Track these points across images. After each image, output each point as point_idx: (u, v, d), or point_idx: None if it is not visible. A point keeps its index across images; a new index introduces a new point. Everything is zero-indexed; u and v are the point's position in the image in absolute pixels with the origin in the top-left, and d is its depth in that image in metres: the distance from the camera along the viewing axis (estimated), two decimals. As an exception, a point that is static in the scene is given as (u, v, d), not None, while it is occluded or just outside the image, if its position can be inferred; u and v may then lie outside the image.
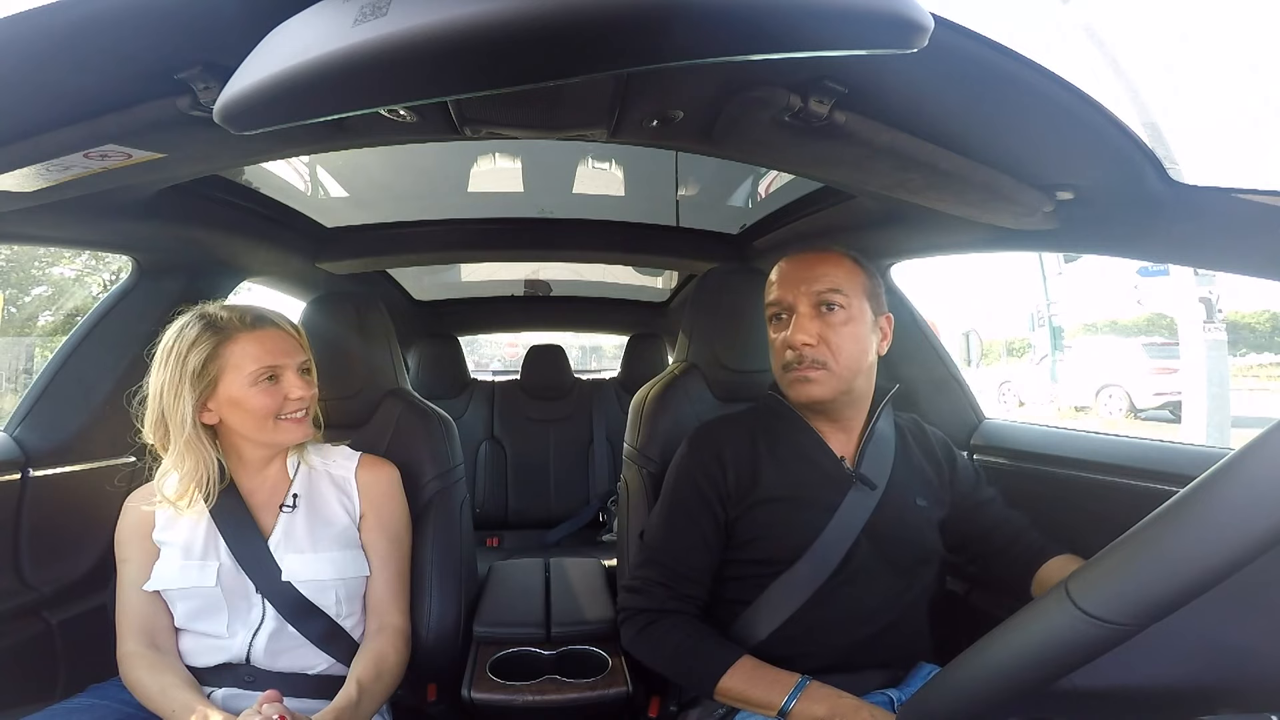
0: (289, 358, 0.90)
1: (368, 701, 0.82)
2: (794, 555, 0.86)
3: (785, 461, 0.90)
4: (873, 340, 0.90)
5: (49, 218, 0.90)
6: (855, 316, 0.87)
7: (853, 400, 0.91)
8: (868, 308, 0.89)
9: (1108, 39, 2.62)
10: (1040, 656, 0.51)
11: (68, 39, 0.52)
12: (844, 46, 0.40)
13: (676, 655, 0.85)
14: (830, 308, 0.86)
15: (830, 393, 0.87)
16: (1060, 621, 0.49)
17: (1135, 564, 0.48)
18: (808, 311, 0.87)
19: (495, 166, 1.42)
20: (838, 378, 0.86)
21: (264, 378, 0.87)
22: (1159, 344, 9.38)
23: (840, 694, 0.76)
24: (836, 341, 0.86)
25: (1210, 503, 0.46)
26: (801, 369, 0.86)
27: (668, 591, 0.88)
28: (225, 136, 0.51)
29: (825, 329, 0.86)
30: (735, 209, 1.64)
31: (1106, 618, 0.47)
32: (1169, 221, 0.79)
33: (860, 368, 0.88)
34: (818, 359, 0.86)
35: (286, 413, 0.89)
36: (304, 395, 0.90)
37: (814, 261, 0.89)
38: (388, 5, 0.38)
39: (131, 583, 0.87)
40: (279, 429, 0.89)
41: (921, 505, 0.91)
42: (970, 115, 0.70)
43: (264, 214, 1.33)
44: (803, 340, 0.85)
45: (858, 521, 0.86)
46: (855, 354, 0.87)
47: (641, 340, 2.55)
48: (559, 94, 0.66)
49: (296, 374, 0.90)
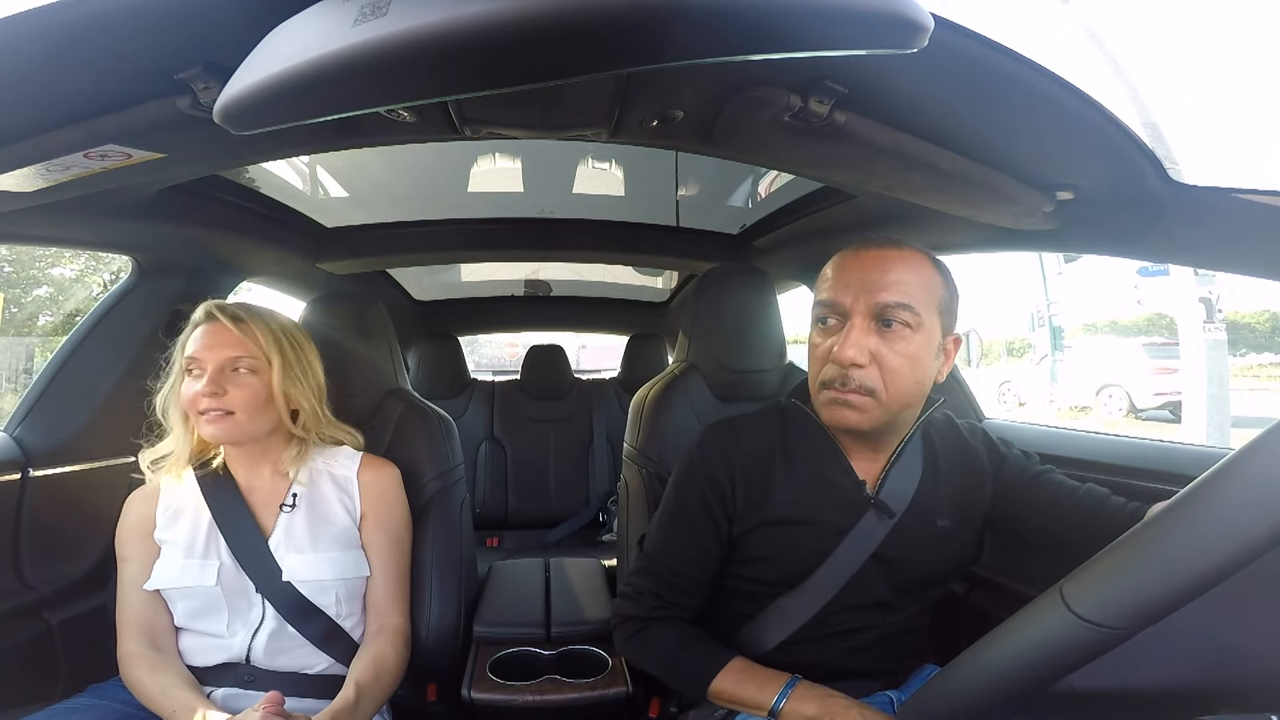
0: (211, 352, 0.87)
1: (366, 702, 0.82)
2: (798, 579, 0.81)
3: (800, 482, 0.82)
4: (934, 366, 0.76)
5: (49, 218, 0.90)
6: (921, 338, 0.72)
7: (893, 428, 0.79)
8: (938, 326, 0.75)
9: (1108, 39, 2.62)
10: (1036, 660, 0.51)
11: (68, 39, 0.52)
12: (844, 46, 0.40)
13: (668, 659, 0.84)
14: (891, 324, 0.72)
15: (872, 424, 0.74)
16: (1055, 625, 0.49)
17: (1130, 567, 0.47)
18: (864, 325, 0.72)
19: (495, 166, 1.42)
20: (884, 409, 0.73)
21: (189, 370, 0.88)
22: (1159, 344, 9.39)
23: (830, 693, 0.76)
24: (893, 365, 0.72)
25: (1206, 506, 0.45)
26: (844, 391, 0.73)
27: (658, 601, 0.86)
28: (225, 136, 0.51)
29: (882, 349, 0.72)
30: (735, 209, 1.64)
31: (1101, 621, 0.47)
32: (1169, 221, 0.79)
33: (912, 399, 0.75)
34: (866, 384, 0.72)
35: (199, 408, 0.86)
36: (204, 391, 0.85)
37: (886, 262, 0.73)
38: (388, 5, 0.38)
39: (132, 582, 0.87)
40: (198, 424, 0.88)
41: (943, 526, 0.82)
42: (970, 115, 0.70)
43: (264, 214, 1.33)
44: (852, 359, 0.71)
45: (869, 546, 0.80)
46: (911, 384, 0.73)
47: (641, 340, 2.55)
48: (559, 94, 0.66)
49: (215, 370, 0.86)
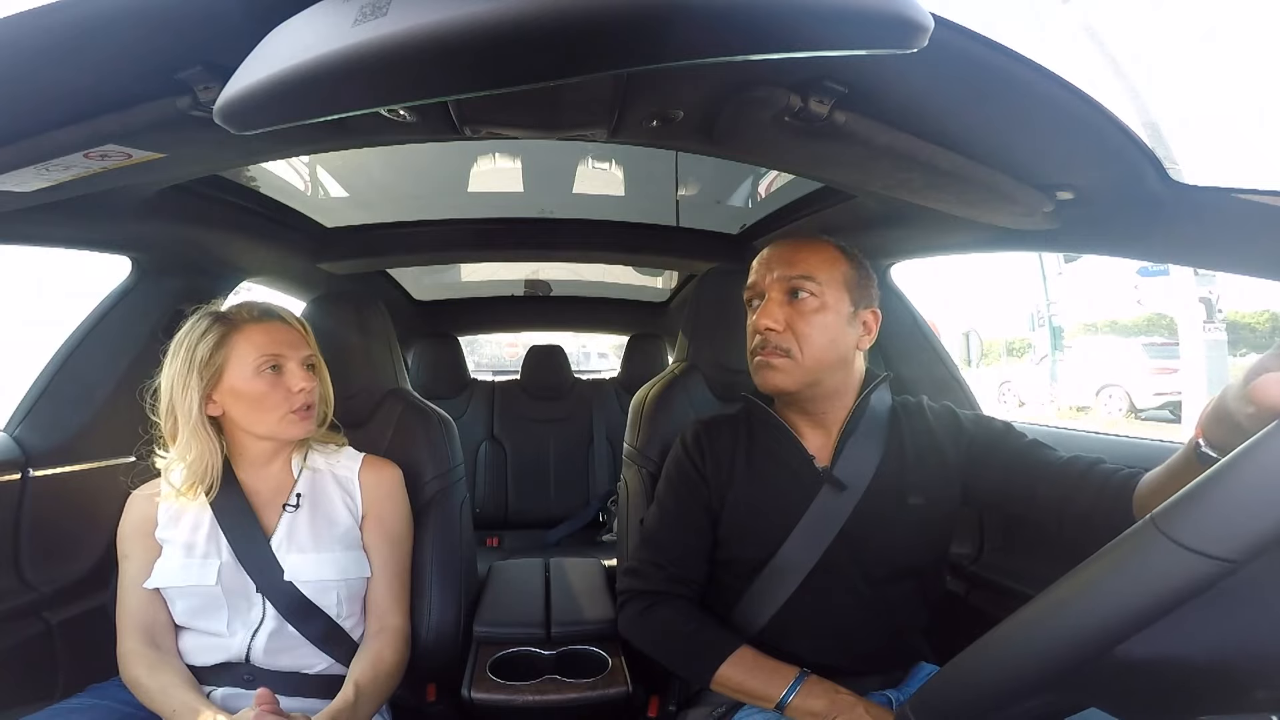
0: (292, 349, 0.91)
1: (365, 703, 0.82)
2: (765, 556, 0.85)
3: (757, 461, 0.90)
4: (849, 333, 0.86)
5: (49, 218, 0.90)
6: (828, 305, 0.84)
7: (825, 394, 0.87)
8: (846, 299, 0.85)
9: (1108, 39, 2.63)
10: (1133, 596, 0.44)
11: (68, 39, 0.52)
12: (844, 46, 0.40)
13: (675, 641, 0.85)
14: (799, 295, 0.84)
15: (793, 383, 0.84)
16: (1151, 555, 0.43)
17: (1237, 488, 0.41)
18: (778, 297, 0.84)
19: (495, 166, 1.42)
20: (802, 368, 0.83)
21: (267, 367, 0.88)
22: (1159, 344, 9.38)
23: (838, 689, 0.76)
24: (803, 330, 0.83)
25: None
26: (765, 354, 0.84)
27: (664, 573, 0.88)
28: (225, 136, 0.51)
29: (793, 316, 0.83)
30: (735, 209, 1.64)
31: (1206, 550, 0.40)
32: (1169, 221, 0.79)
33: (828, 360, 0.85)
34: (781, 345, 0.83)
35: (292, 406, 0.89)
36: (305, 386, 0.90)
37: (793, 248, 0.87)
38: (388, 5, 0.38)
39: (132, 580, 0.87)
40: (283, 423, 0.90)
41: (915, 504, 0.85)
42: (970, 115, 0.70)
43: (264, 214, 1.33)
44: (767, 325, 0.83)
45: (833, 524, 0.84)
46: (823, 344, 0.83)
47: (641, 340, 2.55)
48: (559, 94, 0.66)
49: (300, 366, 0.91)
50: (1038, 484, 0.81)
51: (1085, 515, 0.75)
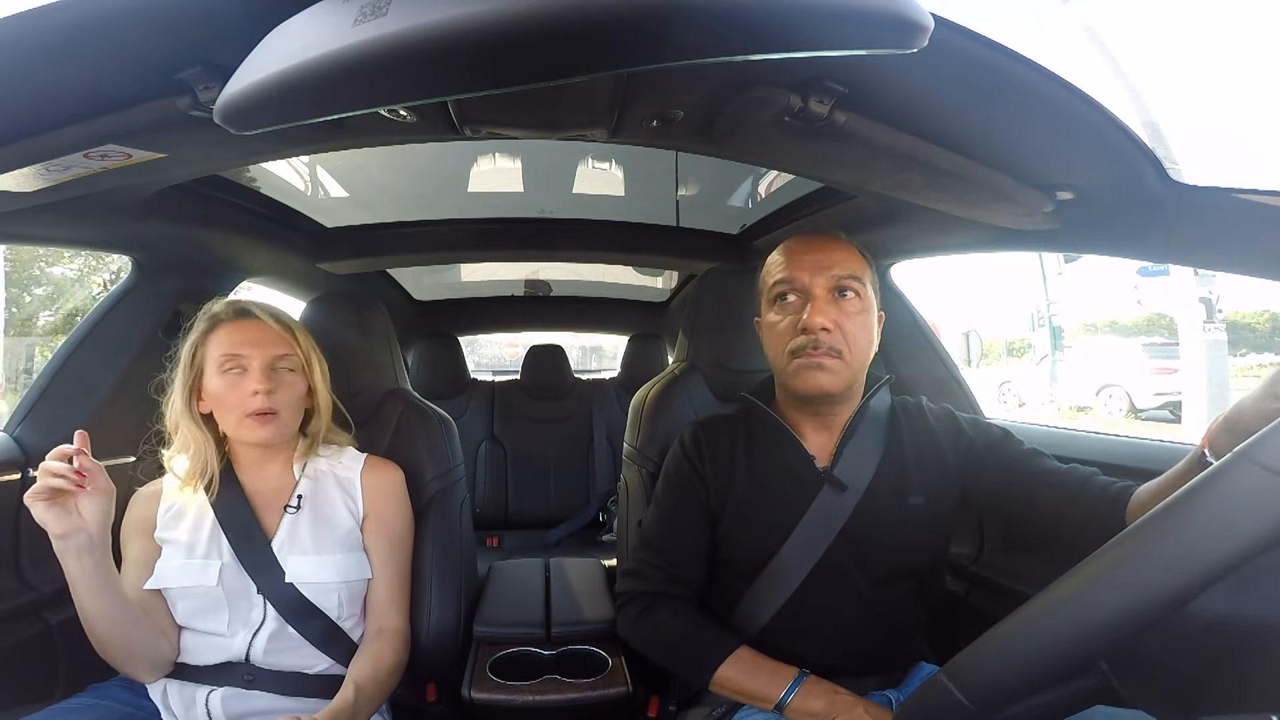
0: (256, 349, 0.87)
1: (365, 703, 0.82)
2: (765, 557, 0.85)
3: (757, 462, 0.89)
4: (877, 334, 0.86)
5: (49, 218, 0.90)
6: (869, 306, 0.84)
7: (848, 396, 0.87)
8: (875, 300, 0.86)
9: (1108, 39, 2.63)
10: (1226, 533, 0.42)
11: (68, 39, 0.52)
12: (844, 46, 0.40)
13: (674, 641, 0.85)
14: (845, 294, 0.82)
15: (841, 385, 0.82)
16: (1245, 486, 0.42)
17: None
18: (825, 295, 0.81)
19: (495, 166, 1.42)
20: (850, 370, 0.82)
21: (230, 368, 0.87)
22: (1159, 344, 9.38)
23: (837, 689, 0.76)
24: (851, 330, 0.81)
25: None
26: (817, 354, 0.80)
27: (662, 574, 0.88)
28: (225, 136, 0.51)
29: (841, 316, 0.81)
30: (735, 209, 1.64)
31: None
32: (1169, 221, 0.79)
33: (868, 361, 0.85)
34: (835, 346, 0.80)
35: (246, 410, 0.86)
36: (259, 389, 0.85)
37: (829, 245, 0.84)
38: (388, 5, 0.38)
39: (132, 581, 0.87)
40: (240, 426, 0.87)
41: (916, 504, 0.85)
42: (970, 115, 0.70)
43: (264, 214, 1.33)
44: (822, 324, 0.79)
45: (833, 524, 0.83)
46: (866, 345, 0.83)
47: (641, 340, 2.55)
48: (559, 94, 0.66)
49: (263, 368, 0.87)
50: (1038, 489, 0.81)
51: (1084, 521, 0.76)
